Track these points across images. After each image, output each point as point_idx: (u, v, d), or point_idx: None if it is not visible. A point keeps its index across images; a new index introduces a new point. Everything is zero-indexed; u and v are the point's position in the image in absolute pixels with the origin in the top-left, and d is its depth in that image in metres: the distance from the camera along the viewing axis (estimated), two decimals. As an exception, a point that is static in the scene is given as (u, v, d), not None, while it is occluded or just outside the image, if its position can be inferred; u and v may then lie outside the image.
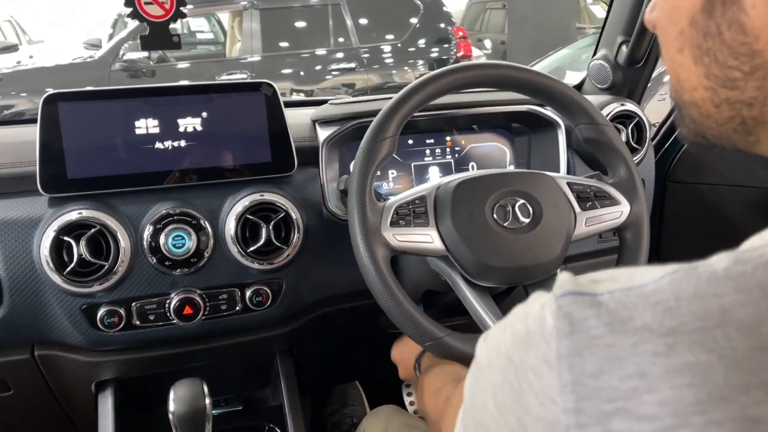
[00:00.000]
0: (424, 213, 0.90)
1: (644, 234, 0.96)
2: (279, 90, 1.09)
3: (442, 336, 0.85)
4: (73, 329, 0.99)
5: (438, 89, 0.93)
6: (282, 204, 1.04)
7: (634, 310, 0.33)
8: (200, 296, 1.02)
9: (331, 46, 5.67)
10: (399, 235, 0.88)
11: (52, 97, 0.98)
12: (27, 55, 8.27)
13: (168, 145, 1.03)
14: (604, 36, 1.43)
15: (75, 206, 0.97)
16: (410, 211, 0.90)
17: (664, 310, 0.32)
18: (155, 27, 0.98)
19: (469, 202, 0.89)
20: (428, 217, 0.90)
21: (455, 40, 5.84)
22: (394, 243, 0.88)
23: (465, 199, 0.89)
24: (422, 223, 0.90)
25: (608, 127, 0.98)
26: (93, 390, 1.09)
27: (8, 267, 0.96)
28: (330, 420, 1.62)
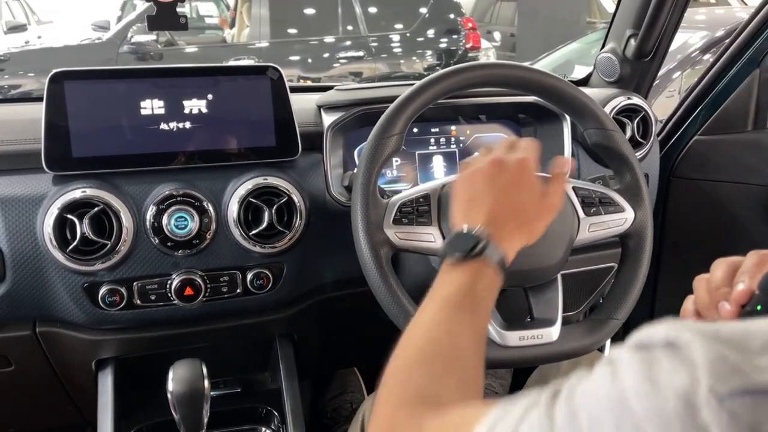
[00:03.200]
0: (427, 212, 0.90)
1: (647, 242, 0.96)
2: (286, 76, 1.09)
3: None
4: (75, 307, 1.00)
5: (446, 88, 0.93)
6: (285, 188, 1.04)
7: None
8: (201, 278, 1.02)
9: (340, 34, 5.66)
10: (401, 234, 0.89)
11: (59, 76, 0.98)
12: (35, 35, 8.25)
13: (173, 127, 1.04)
14: (612, 29, 1.42)
15: (79, 184, 0.97)
16: (413, 209, 0.90)
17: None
18: (163, 7, 0.98)
19: None
20: (431, 216, 0.90)
21: (464, 31, 5.82)
22: (396, 241, 0.88)
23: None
24: (425, 222, 0.90)
25: (617, 132, 0.97)
26: (93, 368, 1.10)
27: (11, 243, 0.97)
28: (329, 406, 1.63)
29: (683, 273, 1.56)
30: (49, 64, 4.95)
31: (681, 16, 1.32)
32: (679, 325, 0.30)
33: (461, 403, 0.52)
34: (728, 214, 1.45)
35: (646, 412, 0.27)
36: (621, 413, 0.29)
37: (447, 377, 0.58)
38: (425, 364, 0.59)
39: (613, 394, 0.30)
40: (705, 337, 0.28)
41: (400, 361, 0.61)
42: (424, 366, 0.59)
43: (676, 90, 3.67)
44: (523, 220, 0.76)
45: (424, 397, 0.55)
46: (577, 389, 0.32)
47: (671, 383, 0.27)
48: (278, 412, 1.17)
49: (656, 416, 0.27)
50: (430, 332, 0.63)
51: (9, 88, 5.01)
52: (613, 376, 0.30)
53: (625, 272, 0.96)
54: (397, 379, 0.59)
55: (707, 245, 1.52)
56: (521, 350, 0.88)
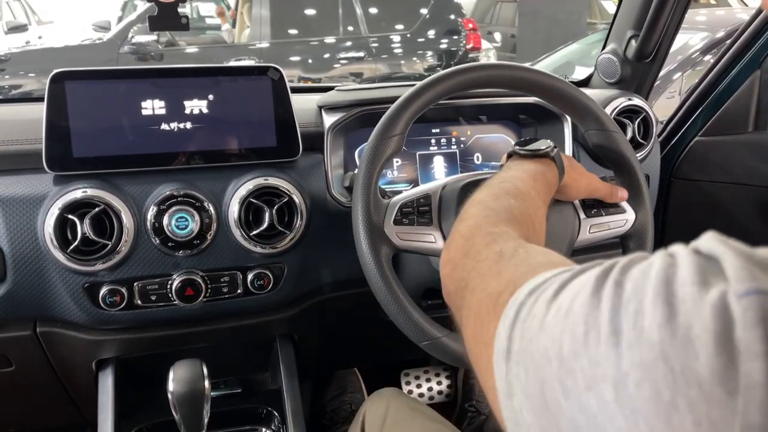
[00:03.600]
0: (428, 212, 0.90)
1: (648, 243, 0.96)
2: (287, 77, 1.09)
3: (440, 336, 0.85)
4: (75, 307, 1.00)
5: (448, 89, 0.93)
6: (286, 189, 1.04)
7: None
8: (202, 278, 1.02)
9: (340, 35, 5.66)
10: (402, 234, 0.89)
11: (60, 76, 0.98)
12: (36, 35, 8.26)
13: (174, 127, 1.04)
14: (613, 30, 1.42)
15: (80, 185, 0.97)
16: (414, 209, 0.91)
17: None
18: (164, 7, 0.98)
19: None
20: (432, 216, 0.90)
21: (465, 32, 5.82)
22: (397, 242, 0.88)
23: None
24: (426, 223, 0.90)
25: (618, 134, 0.97)
26: (94, 368, 1.10)
27: (12, 243, 0.97)
28: (329, 406, 1.63)
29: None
30: (49, 64, 4.95)
31: (682, 17, 1.32)
32: (722, 241, 0.33)
33: None
34: (729, 215, 1.45)
35: (684, 297, 0.30)
36: (662, 290, 0.31)
37: (521, 222, 0.65)
38: (503, 205, 0.67)
39: (663, 275, 0.32)
40: (739, 253, 0.31)
41: (480, 200, 0.69)
42: (503, 204, 0.67)
43: (676, 91, 3.68)
44: (576, 165, 0.89)
45: (500, 225, 0.62)
46: (634, 266, 0.35)
47: (717, 284, 0.30)
48: (278, 413, 1.17)
49: (692, 301, 0.30)
50: (509, 184, 0.73)
51: (10, 88, 5.01)
52: (671, 263, 0.33)
53: None
54: (478, 211, 0.66)
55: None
56: None
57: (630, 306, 0.32)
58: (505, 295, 0.45)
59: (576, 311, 0.35)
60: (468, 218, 0.66)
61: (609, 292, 0.33)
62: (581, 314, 0.34)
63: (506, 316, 0.42)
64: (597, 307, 0.33)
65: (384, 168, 0.91)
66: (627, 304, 0.32)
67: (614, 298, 0.33)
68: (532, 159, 0.82)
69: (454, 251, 0.62)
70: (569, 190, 0.88)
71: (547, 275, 0.42)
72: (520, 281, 0.44)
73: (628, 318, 0.31)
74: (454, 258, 0.61)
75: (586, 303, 0.34)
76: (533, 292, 0.41)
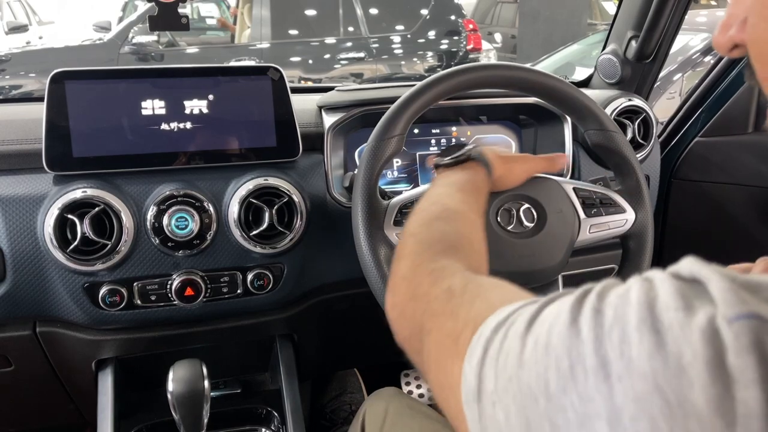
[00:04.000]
0: None
1: (648, 243, 0.96)
2: (287, 77, 1.09)
3: None
4: (75, 307, 1.00)
5: (447, 89, 0.93)
6: (286, 189, 1.04)
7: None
8: (202, 278, 1.02)
9: (341, 35, 5.66)
10: (402, 235, 0.89)
11: (60, 76, 0.98)
12: (36, 35, 8.28)
13: (174, 127, 1.04)
14: (613, 30, 1.42)
15: (80, 184, 0.97)
16: None
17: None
18: (164, 8, 0.98)
19: None
20: None
21: (465, 33, 5.82)
22: (397, 242, 0.88)
23: None
24: None
25: (617, 133, 0.97)
26: (93, 368, 1.10)
27: (12, 243, 0.97)
28: (329, 407, 1.63)
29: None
30: (50, 64, 4.97)
31: (682, 18, 1.32)
32: (703, 265, 0.33)
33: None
34: (729, 215, 1.45)
35: (670, 323, 0.29)
36: (646, 316, 0.30)
37: (459, 248, 0.63)
38: (437, 234, 0.65)
39: (644, 299, 0.31)
40: (723, 276, 0.31)
41: (413, 232, 0.67)
42: (436, 234, 0.65)
43: (677, 92, 3.68)
44: (502, 155, 0.86)
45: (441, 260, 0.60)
46: (611, 291, 0.34)
47: (703, 307, 0.29)
48: (278, 413, 1.17)
49: (679, 328, 0.29)
50: (438, 206, 0.71)
51: (10, 88, 5.01)
52: (649, 288, 0.32)
53: (626, 273, 0.96)
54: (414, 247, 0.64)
55: (708, 247, 1.52)
56: None
57: (613, 334, 0.31)
58: (466, 333, 0.43)
59: (555, 344, 0.33)
60: (405, 255, 0.63)
61: (588, 320, 0.32)
62: (562, 347, 0.33)
63: (472, 355, 0.41)
64: (577, 337, 0.32)
65: (384, 168, 0.91)
66: (610, 332, 0.31)
67: (595, 327, 0.32)
68: (457, 167, 0.82)
69: (399, 296, 0.59)
70: (506, 180, 0.87)
71: (510, 309, 0.41)
72: (480, 318, 0.43)
73: (614, 347, 0.30)
74: (401, 303, 0.58)
75: (565, 334, 0.33)
76: (499, 328, 0.39)
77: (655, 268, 0.35)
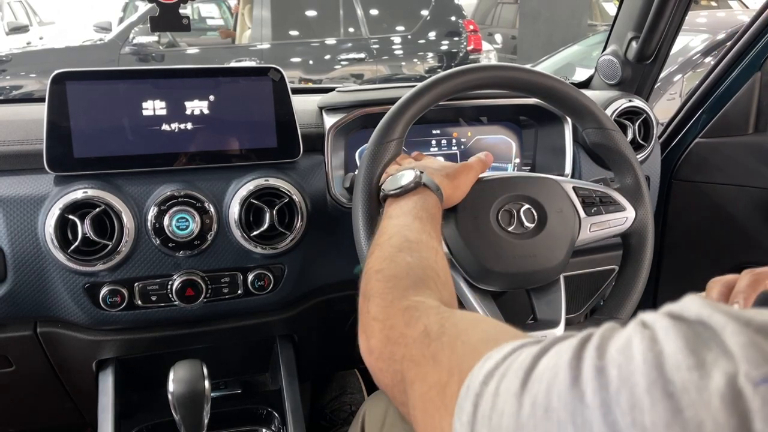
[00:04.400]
0: None
1: (648, 240, 0.96)
2: (287, 78, 1.09)
3: None
4: (76, 307, 1.00)
5: (445, 91, 0.93)
6: (286, 189, 1.04)
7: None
8: (202, 279, 1.03)
9: (341, 36, 5.66)
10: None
11: (61, 76, 0.98)
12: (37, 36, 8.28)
13: (174, 128, 1.04)
14: (614, 31, 1.42)
15: (80, 185, 0.97)
16: None
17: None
18: (165, 8, 0.98)
19: (473, 206, 0.89)
20: None
21: (465, 34, 5.82)
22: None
23: (470, 203, 0.88)
24: None
25: (616, 132, 0.97)
26: (94, 368, 1.10)
27: (13, 243, 0.97)
28: (329, 407, 1.63)
29: (684, 275, 1.57)
30: (50, 65, 4.97)
31: (682, 18, 1.33)
32: (711, 305, 0.30)
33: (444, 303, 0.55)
34: (729, 216, 1.45)
35: (684, 385, 0.27)
36: (656, 378, 0.28)
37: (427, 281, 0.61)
38: (402, 268, 0.63)
39: (650, 356, 0.29)
40: (738, 322, 0.28)
41: (377, 269, 0.64)
42: (401, 268, 0.63)
43: (677, 93, 3.68)
44: (445, 171, 0.85)
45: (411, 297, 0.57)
46: (610, 344, 0.31)
47: (718, 364, 0.27)
48: (279, 413, 1.17)
49: (695, 391, 0.27)
50: (397, 238, 0.69)
51: (11, 88, 5.01)
52: (651, 339, 0.30)
53: (627, 271, 0.96)
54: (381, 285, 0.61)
55: (708, 248, 1.52)
56: None
57: (621, 398, 0.29)
58: (452, 385, 0.41)
59: (557, 407, 0.31)
60: (373, 294, 0.61)
61: (591, 381, 0.30)
62: (565, 411, 0.30)
63: (461, 411, 0.38)
64: (581, 401, 0.30)
65: (384, 171, 0.92)
66: (617, 396, 0.29)
67: (600, 390, 0.30)
68: (406, 195, 0.80)
69: (374, 340, 0.56)
70: (454, 197, 0.86)
71: (497, 357, 0.38)
72: (465, 367, 0.41)
73: (624, 414, 0.28)
74: (377, 347, 0.55)
75: (567, 397, 0.31)
76: (488, 380, 0.37)
77: (650, 310, 0.32)
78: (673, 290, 1.57)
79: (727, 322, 0.28)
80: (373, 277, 0.63)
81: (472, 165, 0.90)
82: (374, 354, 0.56)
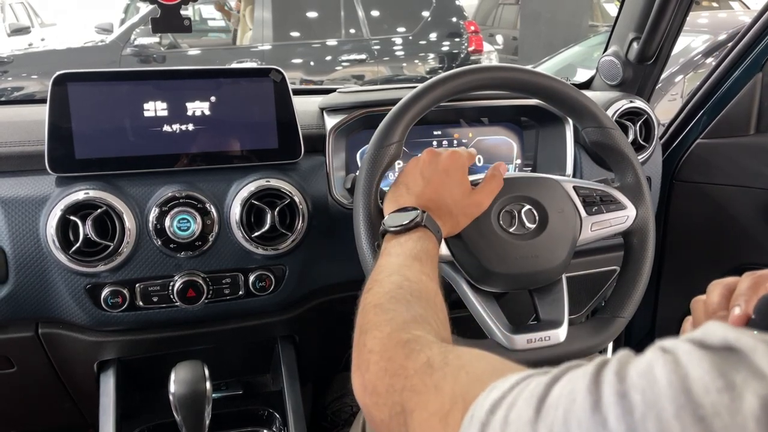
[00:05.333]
0: None
1: (650, 239, 0.96)
2: (288, 79, 1.09)
3: None
4: (77, 308, 1.00)
5: (444, 93, 0.92)
6: (287, 190, 1.04)
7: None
8: (204, 279, 1.03)
9: (342, 37, 5.66)
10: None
11: (62, 78, 0.98)
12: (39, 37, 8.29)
13: (176, 129, 1.04)
14: (615, 32, 1.42)
15: (82, 186, 0.97)
16: None
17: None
18: (167, 10, 0.98)
19: None
20: None
21: (467, 35, 5.82)
22: None
23: None
24: None
25: (615, 130, 0.97)
26: (95, 369, 1.10)
27: (14, 244, 0.97)
28: (330, 408, 1.63)
29: (685, 276, 1.57)
30: (52, 66, 4.96)
31: (684, 19, 1.33)
32: (736, 330, 0.29)
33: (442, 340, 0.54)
34: (730, 217, 1.45)
35: (715, 408, 0.26)
36: (684, 402, 0.27)
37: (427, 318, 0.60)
38: (402, 304, 0.62)
39: (675, 379, 0.28)
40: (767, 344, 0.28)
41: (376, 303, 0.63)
42: (401, 304, 0.62)
43: (678, 93, 3.68)
44: (449, 209, 0.83)
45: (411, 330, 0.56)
46: (630, 368, 0.30)
47: (749, 385, 0.26)
48: (280, 414, 1.17)
49: (728, 414, 0.26)
50: (397, 276, 0.68)
51: (12, 90, 5.02)
52: (674, 362, 0.29)
53: (629, 270, 0.96)
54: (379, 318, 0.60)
55: (709, 249, 1.52)
56: (530, 353, 0.88)
57: (648, 425, 0.27)
58: (455, 413, 0.40)
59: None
60: (370, 328, 0.59)
61: (613, 407, 0.29)
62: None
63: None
64: (604, 426, 0.29)
65: (384, 174, 0.91)
66: (643, 421, 0.28)
67: (624, 415, 0.28)
68: (406, 233, 0.78)
69: (369, 374, 0.55)
70: (456, 229, 0.85)
71: (504, 387, 0.38)
72: (469, 395, 0.40)
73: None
74: (372, 381, 0.54)
75: (588, 423, 0.30)
76: (495, 409, 0.36)
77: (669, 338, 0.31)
78: (675, 291, 1.57)
79: (757, 344, 0.28)
80: (371, 311, 0.62)
81: (482, 200, 0.86)
82: (369, 388, 0.54)
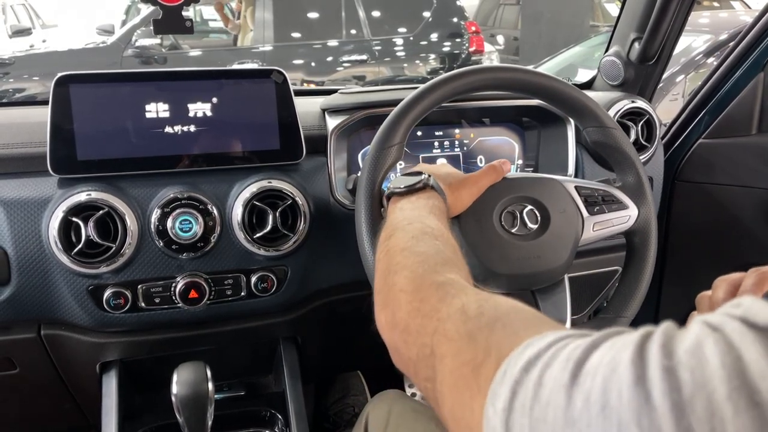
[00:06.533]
0: None
1: (652, 238, 0.96)
2: (290, 80, 1.09)
3: None
4: (80, 310, 1.00)
5: (445, 94, 0.92)
6: (289, 191, 1.04)
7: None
8: (206, 281, 1.03)
9: (343, 38, 5.67)
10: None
11: (64, 79, 0.99)
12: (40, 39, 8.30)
13: (178, 130, 1.04)
14: (616, 32, 1.42)
15: (84, 188, 0.98)
16: None
17: None
18: (168, 11, 0.98)
19: (476, 208, 0.88)
20: None
21: (467, 35, 5.82)
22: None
23: (472, 206, 0.88)
24: None
25: (617, 130, 0.97)
26: (97, 370, 1.10)
27: (17, 246, 0.97)
28: (332, 409, 1.63)
29: (688, 277, 1.57)
30: (53, 67, 4.95)
31: (685, 19, 1.32)
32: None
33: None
34: (732, 217, 1.45)
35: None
36: (739, 385, 0.26)
37: (456, 264, 0.59)
38: (431, 247, 0.60)
39: (728, 361, 0.27)
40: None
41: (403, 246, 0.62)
42: (430, 247, 0.60)
43: (680, 93, 3.67)
44: (449, 180, 0.84)
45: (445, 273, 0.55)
46: (677, 343, 0.29)
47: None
48: (282, 415, 1.17)
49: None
50: (419, 223, 0.66)
51: (14, 91, 5.02)
52: (726, 343, 0.28)
53: (632, 269, 0.96)
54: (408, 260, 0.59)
55: (711, 248, 1.51)
56: None
57: (697, 405, 0.27)
58: (487, 366, 0.39)
59: (616, 406, 0.29)
60: (400, 269, 0.58)
61: (659, 382, 0.28)
62: (628, 411, 0.28)
63: (496, 396, 0.36)
64: (648, 402, 0.28)
65: (386, 175, 0.91)
66: (692, 401, 0.27)
67: (670, 392, 0.27)
68: (413, 194, 0.77)
69: (400, 312, 0.53)
70: (456, 207, 0.84)
71: (540, 345, 0.36)
72: (505, 349, 0.38)
73: (701, 422, 0.26)
74: (406, 320, 0.52)
75: (630, 397, 0.29)
76: (529, 368, 0.35)
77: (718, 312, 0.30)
78: (677, 291, 1.57)
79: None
80: (398, 254, 0.60)
81: (479, 178, 0.87)
82: (400, 326, 0.53)
